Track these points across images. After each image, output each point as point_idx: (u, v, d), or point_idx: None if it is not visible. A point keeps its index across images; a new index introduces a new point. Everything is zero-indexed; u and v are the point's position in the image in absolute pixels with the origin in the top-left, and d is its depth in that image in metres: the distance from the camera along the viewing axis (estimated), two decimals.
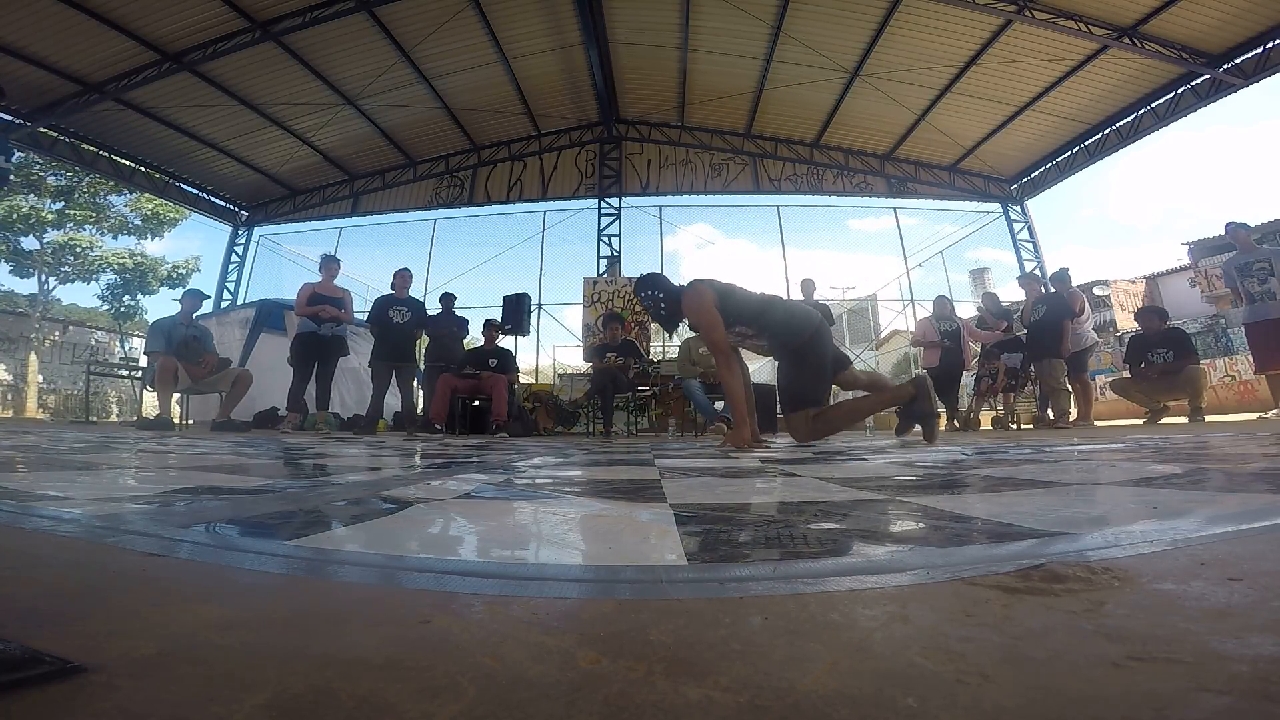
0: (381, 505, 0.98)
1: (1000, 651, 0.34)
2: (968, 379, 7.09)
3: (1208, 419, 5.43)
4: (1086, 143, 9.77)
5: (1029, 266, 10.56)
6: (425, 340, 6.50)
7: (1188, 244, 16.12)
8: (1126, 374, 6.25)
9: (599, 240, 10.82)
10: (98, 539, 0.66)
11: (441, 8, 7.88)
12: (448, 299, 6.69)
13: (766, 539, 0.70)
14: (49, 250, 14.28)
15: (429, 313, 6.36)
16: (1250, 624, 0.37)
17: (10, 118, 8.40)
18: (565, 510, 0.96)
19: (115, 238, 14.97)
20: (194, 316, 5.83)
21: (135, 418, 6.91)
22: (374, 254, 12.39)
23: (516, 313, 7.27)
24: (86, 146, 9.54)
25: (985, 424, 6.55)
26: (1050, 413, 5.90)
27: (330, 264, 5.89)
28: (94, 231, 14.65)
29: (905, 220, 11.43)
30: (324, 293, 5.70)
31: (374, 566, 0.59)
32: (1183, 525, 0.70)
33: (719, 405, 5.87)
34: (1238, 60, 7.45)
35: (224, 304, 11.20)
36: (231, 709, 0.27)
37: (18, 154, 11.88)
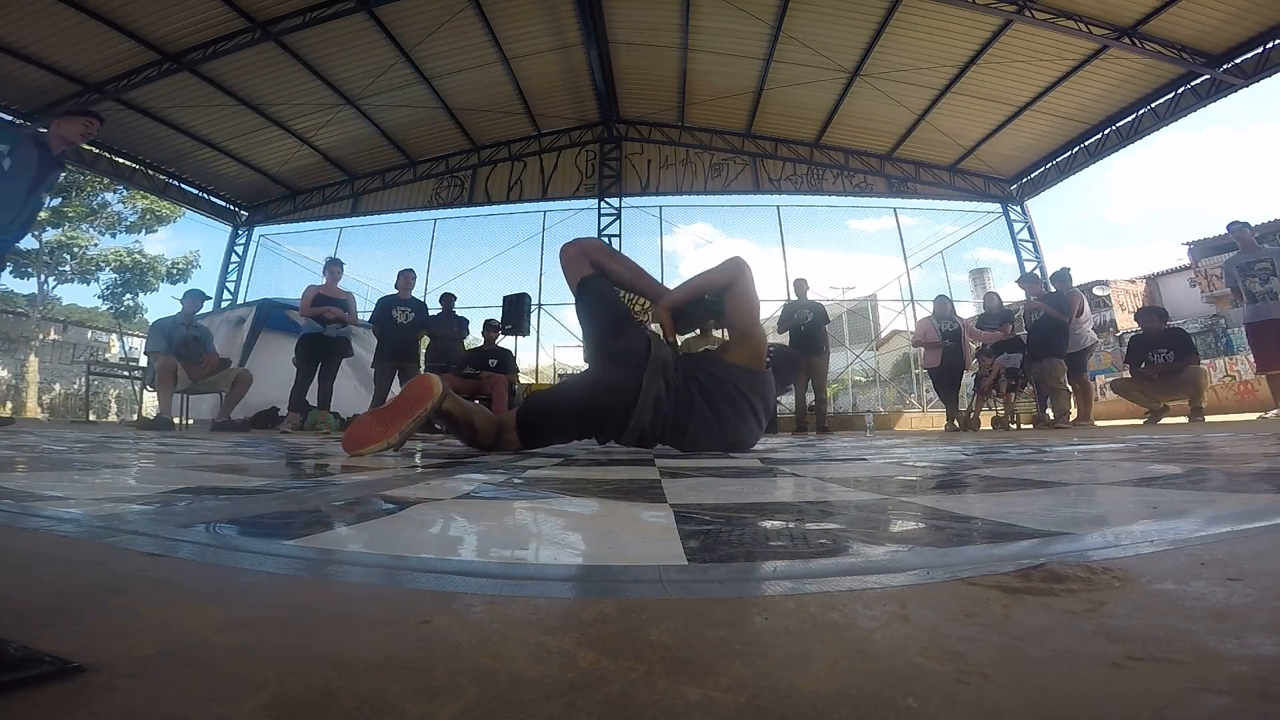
0: (381, 505, 0.98)
1: (1000, 651, 0.34)
2: (968, 379, 7.10)
3: (1208, 419, 5.43)
4: (1086, 143, 9.77)
5: (1029, 267, 10.56)
6: (427, 341, 6.53)
7: (1188, 244, 16.14)
8: (1126, 374, 6.25)
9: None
10: (98, 539, 0.66)
11: (441, 8, 7.89)
12: (448, 299, 6.70)
13: (766, 539, 0.70)
14: (48, 250, 14.26)
15: (430, 313, 6.39)
16: (1250, 624, 0.37)
17: (10, 118, 8.40)
18: (565, 510, 0.96)
19: (113, 235, 14.98)
20: (194, 316, 5.85)
21: (135, 417, 6.91)
22: (374, 254, 12.41)
23: (517, 313, 7.26)
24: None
25: (985, 424, 6.55)
26: (1050, 413, 5.90)
27: (334, 266, 6.03)
28: (90, 230, 14.64)
29: (905, 220, 11.44)
30: (328, 294, 5.78)
31: (374, 566, 0.59)
32: (1183, 525, 0.70)
33: None
34: (1238, 60, 7.46)
35: (224, 304, 11.21)
36: (231, 709, 0.27)
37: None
